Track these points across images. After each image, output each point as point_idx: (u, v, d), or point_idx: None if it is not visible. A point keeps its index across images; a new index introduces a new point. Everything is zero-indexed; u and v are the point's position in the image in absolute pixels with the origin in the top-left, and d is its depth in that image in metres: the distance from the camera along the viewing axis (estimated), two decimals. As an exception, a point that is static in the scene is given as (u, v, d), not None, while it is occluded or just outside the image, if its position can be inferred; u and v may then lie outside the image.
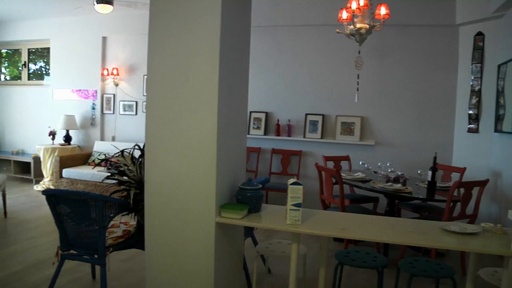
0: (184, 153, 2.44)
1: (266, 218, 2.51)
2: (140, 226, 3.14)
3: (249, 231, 3.55)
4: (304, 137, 6.11)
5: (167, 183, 2.49)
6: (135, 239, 3.22)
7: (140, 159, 3.09)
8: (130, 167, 3.08)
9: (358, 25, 4.19)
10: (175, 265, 2.53)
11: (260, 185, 2.58)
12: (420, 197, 3.98)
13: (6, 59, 9.15)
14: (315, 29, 6.07)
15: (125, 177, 3.11)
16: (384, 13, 4.16)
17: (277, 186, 5.80)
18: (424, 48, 5.60)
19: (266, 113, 6.37)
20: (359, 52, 4.70)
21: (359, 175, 4.69)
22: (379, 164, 4.89)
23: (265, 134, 6.34)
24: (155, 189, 2.54)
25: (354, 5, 4.07)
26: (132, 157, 3.17)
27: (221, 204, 2.45)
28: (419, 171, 4.66)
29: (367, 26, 4.19)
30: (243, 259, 3.12)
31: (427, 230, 2.39)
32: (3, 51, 9.03)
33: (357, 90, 5.06)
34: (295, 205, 2.36)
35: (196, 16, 2.38)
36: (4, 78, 9.12)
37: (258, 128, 6.33)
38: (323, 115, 6.04)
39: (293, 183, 2.37)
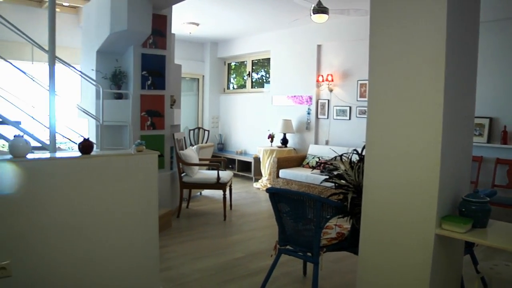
0: (406, 159, 2.39)
1: (493, 235, 2.29)
2: (354, 230, 3.15)
3: (468, 248, 3.26)
4: (538, 146, 5.30)
5: (386, 189, 2.48)
6: (348, 242, 3.26)
7: (358, 164, 3.12)
8: (348, 171, 3.16)
9: None
10: (388, 272, 2.50)
11: (488, 198, 2.36)
12: None
13: (234, 71, 10.47)
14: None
15: (343, 181, 3.18)
16: None
17: (503, 200, 5.16)
18: None
19: (490, 118, 5.71)
20: None
21: None
22: None
23: (488, 141, 5.70)
24: (373, 194, 2.55)
25: None
26: (351, 162, 3.23)
27: (441, 215, 2.33)
28: None
29: None
30: (461, 278, 2.89)
31: None
32: (232, 63, 10.36)
33: None
34: (532, 224, 2.09)
35: (418, 16, 2.30)
36: (232, 87, 10.45)
37: (480, 135, 5.74)
38: None
39: (531, 199, 2.10)
